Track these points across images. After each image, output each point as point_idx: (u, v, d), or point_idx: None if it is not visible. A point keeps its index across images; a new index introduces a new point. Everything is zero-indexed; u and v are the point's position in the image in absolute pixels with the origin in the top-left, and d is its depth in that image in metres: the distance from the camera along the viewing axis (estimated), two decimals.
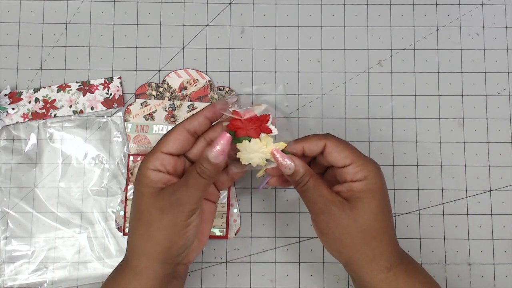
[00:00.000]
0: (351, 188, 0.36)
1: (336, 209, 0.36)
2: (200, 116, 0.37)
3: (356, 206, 0.36)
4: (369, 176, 0.36)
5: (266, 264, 0.47)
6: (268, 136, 0.36)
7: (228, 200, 0.47)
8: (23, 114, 0.48)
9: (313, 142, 0.37)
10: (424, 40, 0.50)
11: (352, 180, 0.36)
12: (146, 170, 0.36)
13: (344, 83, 0.49)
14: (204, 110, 0.37)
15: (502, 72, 0.49)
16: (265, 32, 0.50)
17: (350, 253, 0.36)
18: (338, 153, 0.36)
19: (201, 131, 0.38)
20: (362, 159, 0.36)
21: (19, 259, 0.46)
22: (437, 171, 0.48)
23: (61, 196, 0.47)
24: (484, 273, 0.47)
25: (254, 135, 0.36)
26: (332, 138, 0.37)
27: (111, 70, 0.49)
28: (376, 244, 0.36)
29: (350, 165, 0.36)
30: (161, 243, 0.36)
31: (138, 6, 0.50)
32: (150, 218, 0.36)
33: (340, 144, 0.37)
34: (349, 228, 0.36)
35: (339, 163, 0.36)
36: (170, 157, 0.37)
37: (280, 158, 0.36)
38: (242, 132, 0.36)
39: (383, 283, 0.36)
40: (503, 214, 0.48)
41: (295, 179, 0.37)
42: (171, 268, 0.37)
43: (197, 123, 0.37)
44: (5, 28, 0.50)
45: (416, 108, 0.49)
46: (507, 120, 0.49)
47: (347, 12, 0.50)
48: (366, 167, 0.36)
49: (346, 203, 0.36)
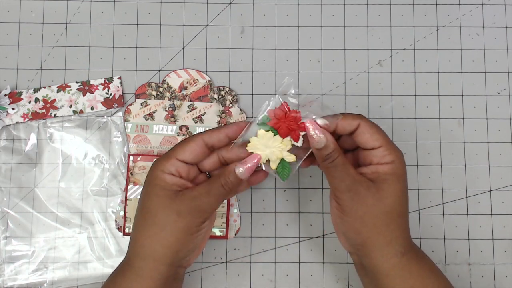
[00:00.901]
0: (377, 170, 0.36)
1: (362, 188, 0.36)
2: (221, 133, 0.38)
3: (382, 187, 0.36)
4: (396, 161, 0.36)
5: (266, 264, 0.47)
6: (290, 141, 0.37)
7: (228, 200, 0.47)
8: (23, 114, 0.48)
9: (348, 121, 0.37)
10: (424, 40, 0.50)
11: (379, 162, 0.36)
12: (161, 173, 0.37)
13: (344, 83, 0.49)
14: (227, 129, 0.38)
15: (502, 72, 0.49)
16: (265, 32, 0.50)
17: (370, 233, 0.36)
18: (370, 134, 0.36)
19: (219, 147, 0.38)
20: (390, 144, 0.37)
21: (19, 259, 0.46)
22: (437, 171, 0.48)
23: (61, 196, 0.47)
24: (484, 273, 0.47)
25: (284, 134, 0.37)
26: (366, 119, 0.37)
27: (111, 70, 0.49)
28: (395, 227, 0.37)
29: (379, 148, 0.36)
30: (172, 246, 0.36)
31: (138, 6, 0.50)
32: (166, 220, 0.36)
33: (374, 126, 0.37)
34: (373, 208, 0.36)
35: (369, 144, 0.37)
36: (184, 164, 0.37)
37: (312, 130, 0.36)
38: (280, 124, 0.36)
39: (396, 267, 0.36)
40: (503, 214, 0.48)
41: (324, 153, 0.36)
42: (174, 271, 0.37)
43: (217, 139, 0.37)
44: (5, 28, 0.50)
45: (416, 108, 0.49)
46: (507, 120, 0.49)
47: (347, 12, 0.50)
48: (394, 152, 0.36)
49: (371, 183, 0.36)
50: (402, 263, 0.36)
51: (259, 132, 0.37)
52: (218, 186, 0.37)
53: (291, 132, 0.37)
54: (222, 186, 0.37)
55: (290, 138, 0.37)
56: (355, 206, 0.36)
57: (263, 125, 0.37)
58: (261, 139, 0.37)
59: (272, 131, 0.37)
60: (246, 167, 0.36)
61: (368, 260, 0.37)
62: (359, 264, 0.39)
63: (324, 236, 0.47)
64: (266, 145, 0.37)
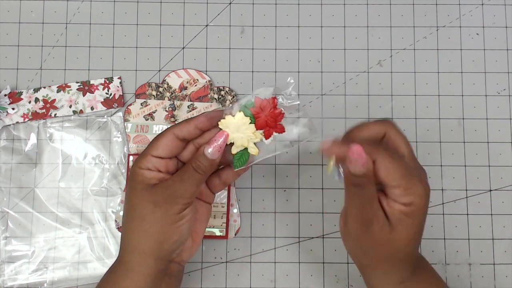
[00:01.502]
0: (393, 206, 0.34)
1: (376, 227, 0.34)
2: (191, 125, 0.37)
3: (396, 229, 0.34)
4: (415, 202, 0.33)
5: (266, 264, 0.47)
6: (261, 135, 0.36)
7: (228, 200, 0.47)
8: (23, 114, 0.48)
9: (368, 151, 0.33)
10: (424, 40, 0.50)
11: (396, 201, 0.34)
12: (139, 170, 0.37)
13: (344, 83, 0.49)
14: (196, 120, 0.37)
15: (502, 72, 0.49)
16: (265, 32, 0.50)
17: (370, 263, 0.36)
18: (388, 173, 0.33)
19: (191, 139, 0.38)
20: (411, 183, 0.33)
21: (19, 259, 0.46)
22: (437, 171, 0.48)
23: (61, 196, 0.47)
24: (484, 273, 0.47)
25: (260, 126, 0.36)
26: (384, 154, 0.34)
27: (111, 70, 0.49)
28: (398, 264, 0.36)
29: (396, 187, 0.33)
30: (153, 236, 0.36)
31: (138, 6, 0.50)
32: (143, 211, 0.36)
33: (392, 163, 0.33)
34: (380, 247, 0.35)
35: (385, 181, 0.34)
36: (160, 159, 0.37)
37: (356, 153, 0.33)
38: (261, 115, 0.36)
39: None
40: (503, 214, 0.48)
41: (360, 180, 0.33)
42: (164, 265, 0.37)
43: (187, 131, 0.37)
44: (5, 28, 0.50)
45: (416, 108, 0.49)
46: (507, 120, 0.49)
47: (347, 12, 0.50)
48: (414, 192, 0.33)
49: (387, 223, 0.34)
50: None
51: (238, 114, 0.36)
52: (191, 170, 0.36)
53: (267, 127, 0.36)
54: (194, 170, 0.36)
55: (262, 132, 0.36)
56: (360, 238, 0.35)
57: (244, 108, 0.36)
58: (236, 121, 0.36)
59: (251, 118, 0.36)
60: (214, 146, 0.36)
61: (367, 281, 0.37)
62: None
63: (324, 236, 0.47)
64: (238, 129, 0.36)
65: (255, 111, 0.36)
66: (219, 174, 0.40)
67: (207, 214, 0.41)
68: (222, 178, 0.40)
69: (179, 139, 0.37)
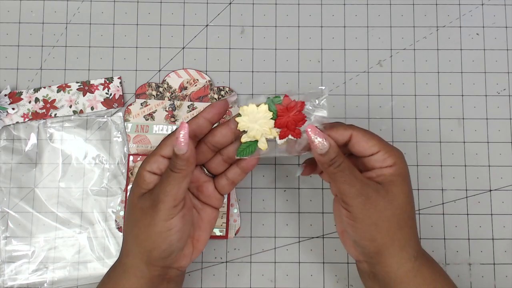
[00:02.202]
0: (381, 173, 0.36)
1: (372, 192, 0.35)
2: (199, 118, 0.36)
3: (391, 189, 0.35)
4: (398, 162, 0.36)
5: (266, 264, 0.47)
6: (276, 133, 0.35)
7: (228, 200, 0.47)
8: (23, 114, 0.48)
9: (339, 132, 0.36)
10: (424, 40, 0.50)
11: (382, 166, 0.36)
12: (142, 171, 0.36)
13: (344, 83, 0.49)
14: (203, 112, 0.36)
15: (502, 72, 0.49)
16: (265, 32, 0.50)
17: (385, 239, 0.35)
18: (365, 142, 0.36)
19: (202, 134, 0.37)
20: (388, 147, 0.36)
21: (19, 259, 0.46)
22: (437, 171, 0.48)
23: (61, 196, 0.47)
24: (484, 273, 0.47)
25: (279, 124, 0.35)
26: (357, 128, 0.36)
27: (111, 70, 0.49)
28: (408, 229, 0.36)
29: (378, 152, 0.36)
30: (143, 243, 0.36)
31: (138, 6, 0.50)
32: (134, 217, 0.36)
33: (366, 133, 0.36)
34: (386, 211, 0.35)
35: (367, 151, 0.36)
36: (167, 160, 0.36)
37: (313, 136, 0.34)
38: (284, 115, 0.35)
39: (409, 273, 0.36)
40: (503, 214, 0.48)
41: (329, 158, 0.35)
42: (158, 271, 0.37)
43: (196, 126, 0.36)
44: (5, 28, 0.50)
45: (416, 108, 0.49)
46: (507, 120, 0.49)
47: (347, 12, 0.50)
48: (394, 154, 0.36)
49: (380, 186, 0.35)
50: (415, 269, 0.36)
51: (263, 106, 0.35)
52: (167, 171, 0.35)
53: (285, 128, 0.35)
54: (170, 170, 0.34)
55: (278, 131, 0.35)
56: (368, 211, 0.35)
57: (270, 102, 0.35)
58: (258, 112, 0.35)
59: (274, 114, 0.35)
60: (178, 141, 0.34)
61: (381, 267, 0.36)
62: (368, 272, 0.38)
63: (324, 236, 0.47)
64: (256, 120, 0.35)
65: (280, 109, 0.35)
66: (225, 174, 0.39)
67: (212, 221, 0.40)
68: (229, 178, 0.39)
69: (190, 137, 0.35)
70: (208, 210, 0.40)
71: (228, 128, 0.37)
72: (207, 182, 0.40)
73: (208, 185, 0.39)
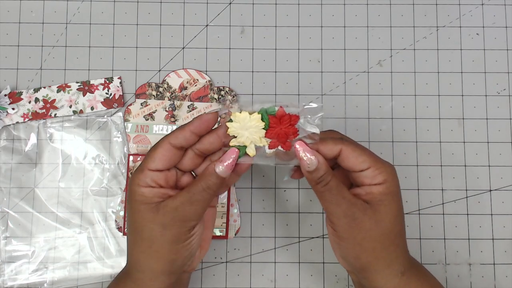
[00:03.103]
0: (370, 191, 0.35)
1: (359, 212, 0.34)
2: (186, 131, 0.35)
3: (378, 209, 0.35)
4: (388, 179, 0.35)
5: (266, 264, 0.47)
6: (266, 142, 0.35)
7: (228, 200, 0.47)
8: (23, 114, 0.48)
9: (328, 146, 0.35)
10: (424, 40, 0.50)
11: (371, 183, 0.35)
12: (137, 187, 0.35)
13: (344, 83, 0.49)
14: (190, 125, 0.35)
15: (502, 72, 0.49)
16: (265, 32, 0.50)
17: (370, 258, 0.35)
18: (355, 158, 0.35)
19: (188, 145, 0.36)
20: (379, 163, 0.35)
21: (19, 259, 0.46)
22: (437, 171, 0.48)
23: (61, 196, 0.47)
24: (484, 273, 0.47)
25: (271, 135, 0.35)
26: (348, 143, 0.35)
27: (111, 70, 0.49)
28: (394, 248, 0.36)
29: (368, 169, 0.35)
30: (164, 256, 0.35)
31: (138, 6, 0.50)
32: (152, 234, 0.35)
33: (357, 148, 0.35)
34: (372, 232, 0.35)
35: (357, 167, 0.35)
36: (159, 173, 0.35)
37: (302, 152, 0.34)
38: (276, 127, 0.35)
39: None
40: (503, 214, 0.48)
41: (316, 176, 0.34)
42: (176, 277, 0.37)
43: (183, 138, 0.35)
44: (5, 28, 0.50)
45: (416, 108, 0.49)
46: (507, 120, 0.49)
47: (347, 12, 0.50)
48: (385, 170, 0.35)
49: (367, 206, 0.35)
50: (402, 283, 0.36)
51: (256, 115, 0.34)
52: (200, 191, 0.34)
53: (275, 140, 0.35)
54: (204, 190, 0.34)
55: (268, 142, 0.35)
56: (352, 232, 0.35)
57: (264, 112, 0.35)
58: (250, 121, 0.35)
59: (266, 124, 0.35)
60: (226, 164, 0.34)
61: (368, 282, 0.36)
62: (358, 283, 0.38)
63: (324, 236, 0.47)
64: (247, 128, 0.35)
65: (273, 120, 0.35)
66: None
67: (213, 218, 0.40)
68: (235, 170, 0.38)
69: (176, 148, 0.35)
70: (209, 209, 0.39)
71: (215, 136, 0.36)
72: None
73: None
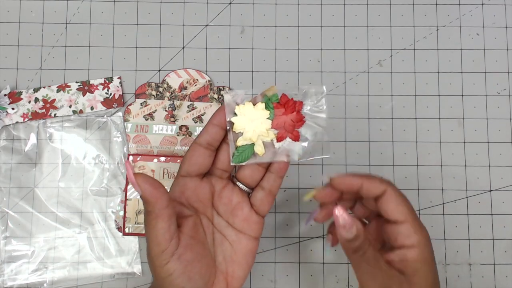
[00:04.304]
0: (405, 257, 0.32)
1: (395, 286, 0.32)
2: (208, 126, 0.34)
3: (414, 281, 0.32)
4: (422, 243, 0.33)
5: (266, 264, 0.47)
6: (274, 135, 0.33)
7: None
8: (23, 114, 0.48)
9: (375, 184, 0.33)
10: (424, 40, 0.50)
11: (404, 244, 0.33)
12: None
13: (344, 83, 0.49)
14: (211, 118, 0.34)
15: (502, 72, 0.49)
16: (265, 32, 0.50)
17: None
18: (396, 205, 0.33)
19: (217, 141, 0.34)
20: (416, 221, 0.33)
21: (19, 259, 0.46)
22: (437, 171, 0.48)
23: (61, 196, 0.47)
24: (484, 273, 0.47)
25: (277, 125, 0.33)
26: (394, 187, 0.34)
27: (111, 70, 0.49)
28: None
29: (403, 223, 0.33)
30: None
31: (138, 6, 0.50)
32: None
33: (400, 196, 0.33)
34: None
35: (393, 215, 0.33)
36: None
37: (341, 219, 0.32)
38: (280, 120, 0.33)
39: None
40: (503, 214, 0.48)
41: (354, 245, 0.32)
42: None
43: (208, 135, 0.33)
44: (5, 28, 0.50)
45: (416, 108, 0.49)
46: (507, 120, 0.49)
47: (347, 12, 0.50)
48: (420, 232, 0.33)
49: (403, 279, 0.32)
50: None
51: (259, 105, 0.33)
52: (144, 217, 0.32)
53: (283, 130, 0.33)
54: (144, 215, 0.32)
55: (276, 133, 0.33)
56: None
57: (267, 100, 0.33)
58: (255, 111, 0.33)
59: (271, 113, 0.33)
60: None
61: None
62: None
63: (324, 236, 0.47)
64: (253, 120, 0.33)
65: (278, 108, 0.33)
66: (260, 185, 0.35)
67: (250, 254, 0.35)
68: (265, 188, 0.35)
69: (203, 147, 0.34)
70: (243, 241, 0.35)
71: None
72: (241, 202, 0.36)
73: (243, 205, 0.35)
